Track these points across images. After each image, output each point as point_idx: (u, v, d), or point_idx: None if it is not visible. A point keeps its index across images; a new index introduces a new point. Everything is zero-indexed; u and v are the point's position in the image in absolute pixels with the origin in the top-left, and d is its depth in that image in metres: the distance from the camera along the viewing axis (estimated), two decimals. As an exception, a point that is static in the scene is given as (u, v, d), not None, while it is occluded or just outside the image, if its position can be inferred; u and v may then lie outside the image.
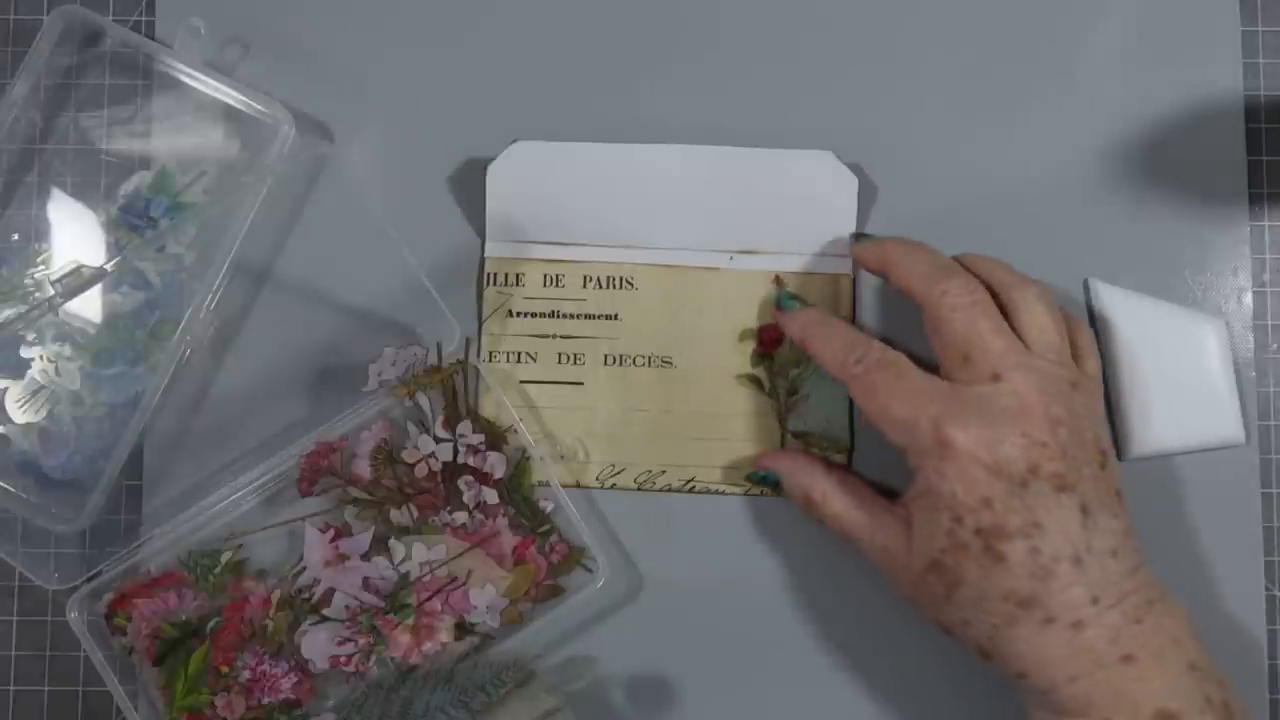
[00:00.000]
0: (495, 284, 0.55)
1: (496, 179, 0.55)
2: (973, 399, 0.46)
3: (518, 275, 0.55)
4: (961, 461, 0.46)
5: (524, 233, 0.55)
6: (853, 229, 0.55)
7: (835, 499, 0.50)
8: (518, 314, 0.55)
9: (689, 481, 0.55)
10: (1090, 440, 0.47)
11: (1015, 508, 0.45)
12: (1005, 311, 0.49)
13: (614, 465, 0.55)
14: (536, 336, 0.55)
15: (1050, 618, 0.45)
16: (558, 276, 0.55)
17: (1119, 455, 0.54)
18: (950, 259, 0.50)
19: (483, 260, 0.56)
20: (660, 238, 0.55)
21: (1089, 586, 0.45)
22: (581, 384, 0.55)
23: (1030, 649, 0.45)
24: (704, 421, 0.55)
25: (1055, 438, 0.46)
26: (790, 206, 0.55)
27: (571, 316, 0.55)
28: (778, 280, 0.55)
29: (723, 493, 0.55)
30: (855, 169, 0.55)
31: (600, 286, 0.55)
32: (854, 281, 0.55)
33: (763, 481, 0.53)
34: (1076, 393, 0.47)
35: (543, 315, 0.55)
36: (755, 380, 0.55)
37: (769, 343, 0.55)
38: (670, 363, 0.55)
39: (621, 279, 0.55)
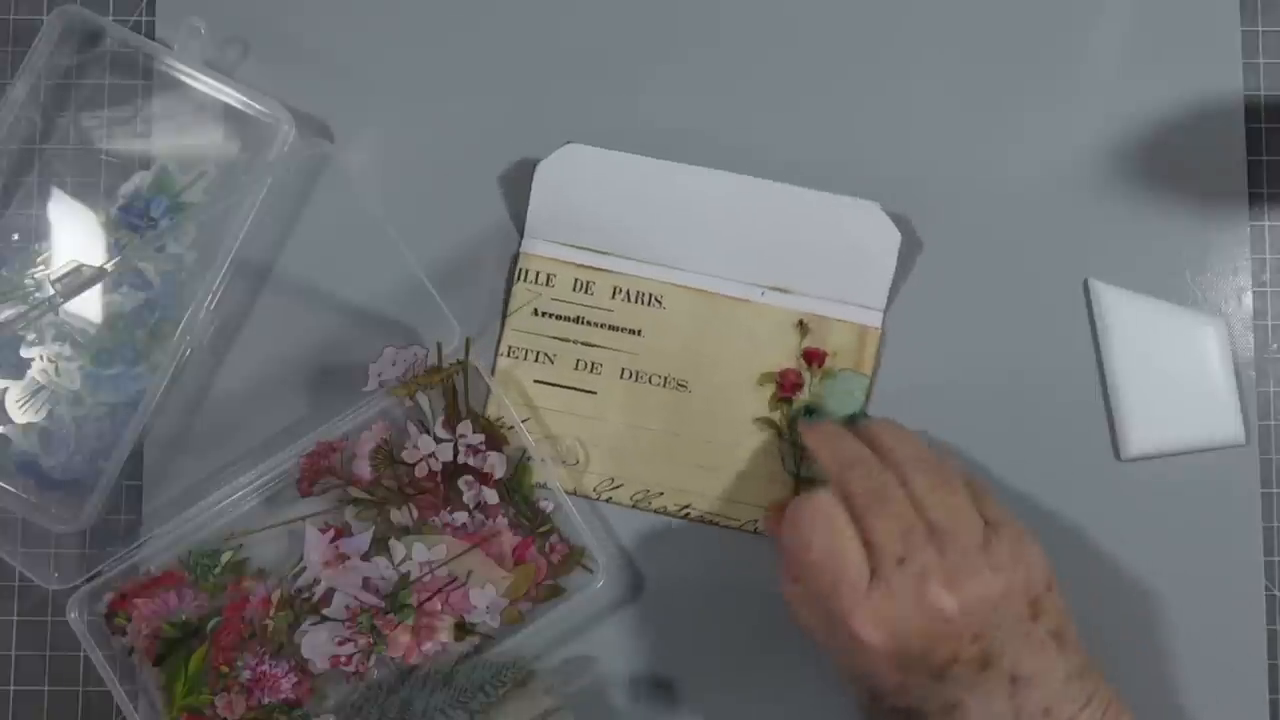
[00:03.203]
0: (526, 280, 0.55)
1: (544, 177, 0.55)
2: (880, 586, 0.44)
3: (549, 275, 0.55)
4: (871, 656, 0.44)
5: (562, 234, 0.55)
6: (889, 282, 0.54)
7: (802, 608, 0.49)
8: (543, 314, 0.55)
9: (685, 507, 0.54)
10: (1019, 591, 0.44)
11: (935, 694, 0.44)
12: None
13: (613, 479, 0.55)
14: (558, 339, 0.55)
15: None
16: (588, 283, 0.55)
17: (1118, 455, 0.54)
18: (861, 455, 0.48)
19: (517, 254, 0.55)
20: (696, 261, 0.55)
21: None
22: (594, 393, 0.55)
23: None
24: (710, 451, 0.55)
25: (966, 619, 0.43)
26: (830, 252, 0.54)
27: (596, 325, 0.55)
28: (801, 325, 0.54)
29: (717, 524, 0.54)
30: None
31: (629, 300, 0.55)
32: (881, 337, 0.55)
33: None
34: (985, 552, 0.45)
35: (568, 319, 0.55)
36: (770, 423, 0.55)
37: (789, 386, 0.55)
38: (685, 386, 0.55)
39: (651, 295, 0.55)
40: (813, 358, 0.54)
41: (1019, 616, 0.44)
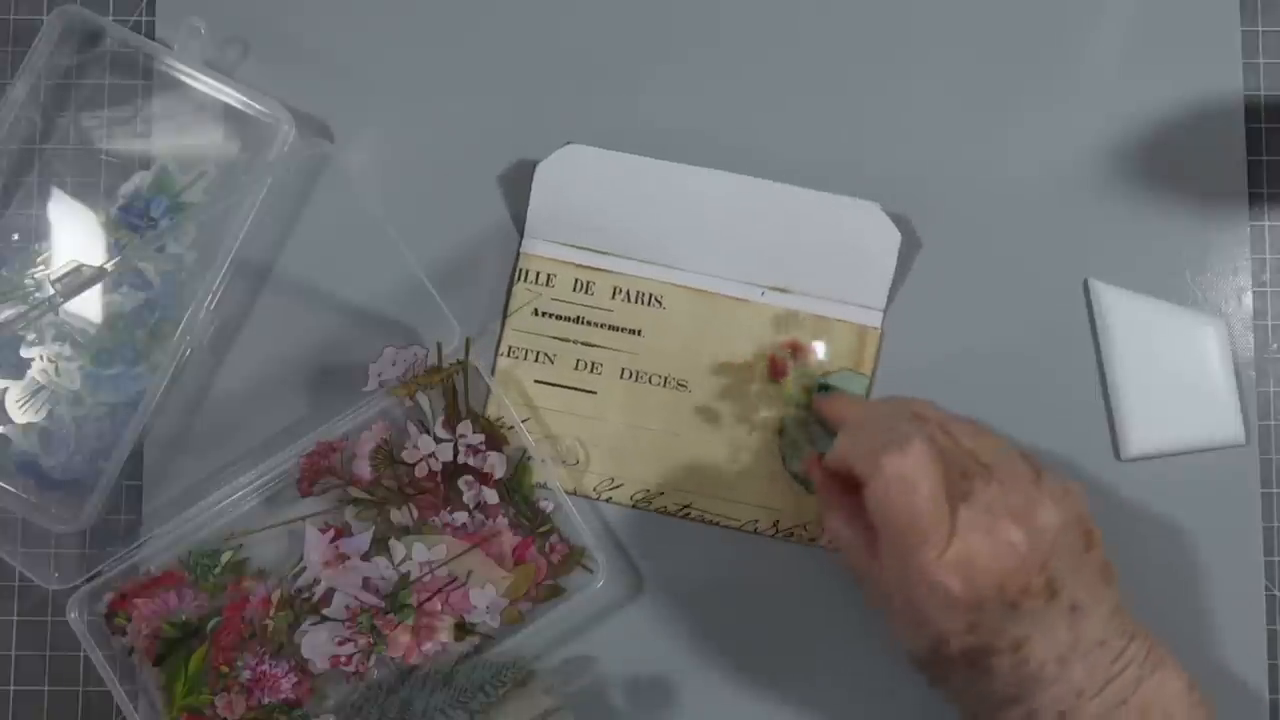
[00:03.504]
0: (526, 280, 0.55)
1: (544, 177, 0.55)
2: (953, 529, 0.44)
3: (549, 275, 0.55)
4: (950, 600, 0.44)
5: (562, 234, 0.55)
6: (889, 282, 0.54)
7: (858, 554, 0.48)
8: (543, 314, 0.55)
9: (685, 507, 0.54)
10: (1074, 521, 0.45)
11: (1004, 628, 0.44)
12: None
13: (613, 479, 0.55)
14: (558, 339, 0.55)
15: (1032, 712, 0.45)
16: (589, 283, 0.55)
17: (1119, 455, 0.54)
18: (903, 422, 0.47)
19: (517, 254, 0.55)
20: (696, 261, 0.55)
21: (1074, 682, 0.44)
22: (594, 393, 0.55)
23: None
24: (710, 451, 0.54)
25: (1034, 550, 0.44)
26: (831, 252, 0.54)
27: (596, 325, 0.55)
28: (798, 321, 0.54)
29: (717, 524, 0.54)
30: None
31: (629, 300, 0.55)
32: (881, 337, 0.55)
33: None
34: (1039, 486, 0.45)
35: (568, 319, 0.55)
36: (771, 422, 0.54)
37: (776, 372, 0.55)
38: (685, 386, 0.55)
39: (651, 295, 0.55)
40: (796, 351, 0.54)
41: (1074, 547, 0.45)
